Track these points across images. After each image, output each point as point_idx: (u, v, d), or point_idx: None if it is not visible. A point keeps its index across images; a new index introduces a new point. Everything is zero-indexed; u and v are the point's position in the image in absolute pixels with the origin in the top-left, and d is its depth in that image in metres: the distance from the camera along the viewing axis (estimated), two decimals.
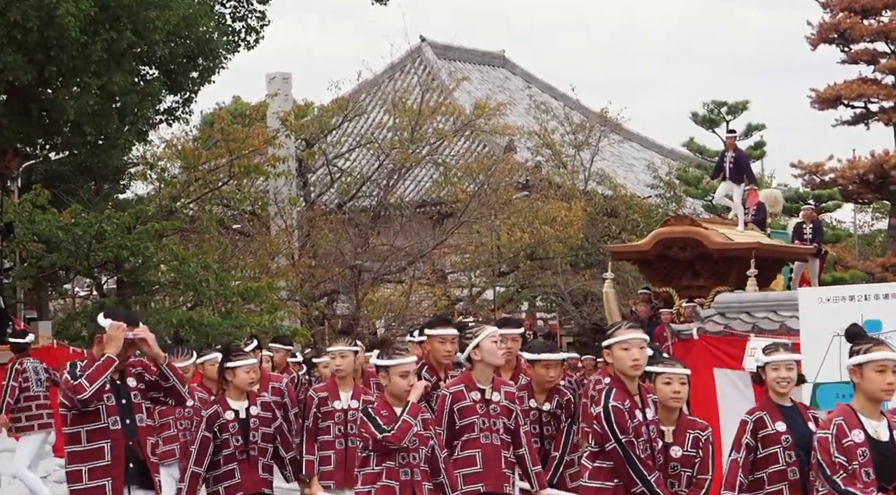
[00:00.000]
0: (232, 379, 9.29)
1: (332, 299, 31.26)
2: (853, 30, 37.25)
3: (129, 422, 8.01)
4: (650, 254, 21.56)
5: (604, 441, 7.33)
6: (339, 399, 10.24)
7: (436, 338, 9.69)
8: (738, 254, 20.90)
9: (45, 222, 23.07)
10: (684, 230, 21.42)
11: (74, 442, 8.00)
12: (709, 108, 37.00)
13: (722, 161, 22.96)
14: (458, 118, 34.87)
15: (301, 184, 32.56)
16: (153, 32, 20.14)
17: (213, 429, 9.12)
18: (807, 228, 23.95)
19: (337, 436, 10.18)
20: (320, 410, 10.24)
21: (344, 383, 10.29)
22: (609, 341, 7.49)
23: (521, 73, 47.73)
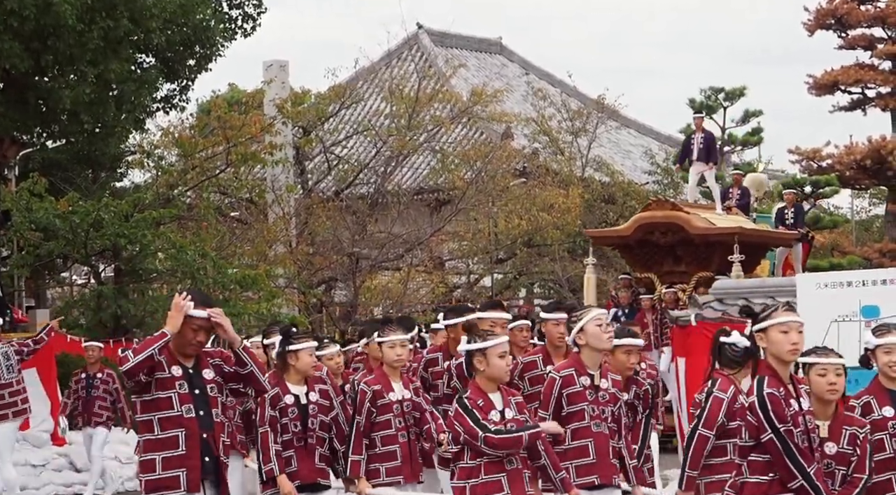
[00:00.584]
0: (294, 362, 9.16)
1: (329, 287, 31.28)
2: (850, 15, 37.19)
3: (204, 414, 7.51)
4: (631, 239, 21.36)
5: (758, 432, 6.82)
6: (392, 390, 9.56)
7: (486, 322, 9.42)
8: (720, 240, 20.64)
9: (43, 210, 23.06)
10: (665, 215, 21.14)
11: (147, 430, 7.54)
12: (706, 94, 36.94)
13: (689, 144, 22.70)
14: (455, 105, 34.85)
15: (298, 171, 32.55)
16: (150, 20, 20.11)
17: (275, 411, 9.06)
18: (788, 213, 23.72)
19: (399, 429, 9.51)
20: (375, 404, 9.49)
21: (395, 374, 9.64)
22: (765, 323, 6.95)
23: (519, 60, 47.68)
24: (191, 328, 7.51)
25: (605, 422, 8.30)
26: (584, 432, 8.26)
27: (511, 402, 7.81)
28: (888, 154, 35.86)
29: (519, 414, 7.76)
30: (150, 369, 7.42)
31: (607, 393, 8.37)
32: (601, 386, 8.34)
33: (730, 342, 8.24)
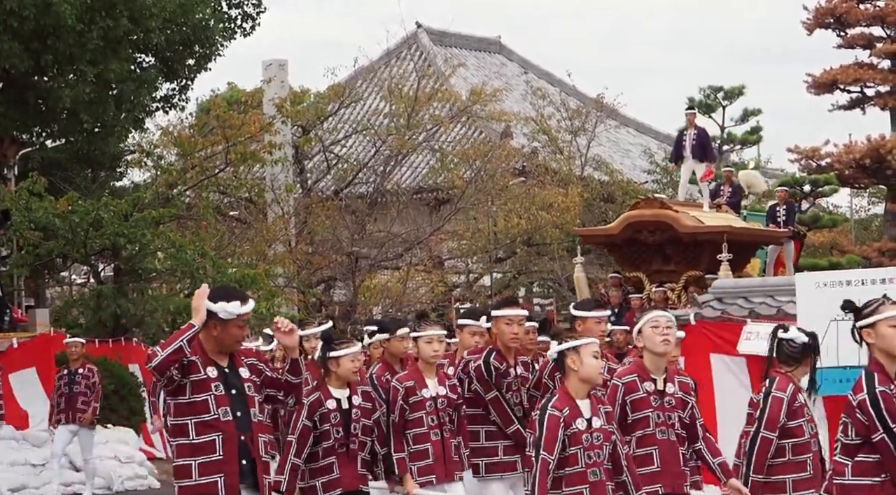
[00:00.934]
0: (335, 368, 8.88)
1: (329, 286, 31.29)
2: (849, 14, 37.19)
3: (241, 415, 7.18)
4: (619, 237, 21.21)
5: (868, 432, 6.53)
6: (426, 387, 9.29)
7: (502, 320, 9.29)
8: (710, 238, 20.47)
9: (42, 210, 23.09)
10: (654, 213, 20.95)
11: (182, 435, 7.17)
12: (705, 93, 37.00)
13: (682, 141, 22.33)
14: (454, 104, 34.86)
15: (297, 170, 32.57)
16: (149, 20, 20.11)
17: (314, 419, 8.73)
18: (780, 210, 23.43)
19: (431, 427, 9.23)
20: (407, 401, 9.22)
21: (430, 370, 9.39)
22: (873, 318, 6.73)
23: (518, 60, 47.70)
24: (237, 325, 7.25)
25: (671, 429, 8.04)
26: (650, 439, 8.00)
27: (600, 411, 7.47)
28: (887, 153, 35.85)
29: (607, 424, 7.47)
30: (185, 370, 7.13)
31: (674, 398, 8.10)
32: (667, 391, 8.10)
33: (788, 337, 7.93)
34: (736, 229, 21.13)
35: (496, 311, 9.40)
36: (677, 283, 20.74)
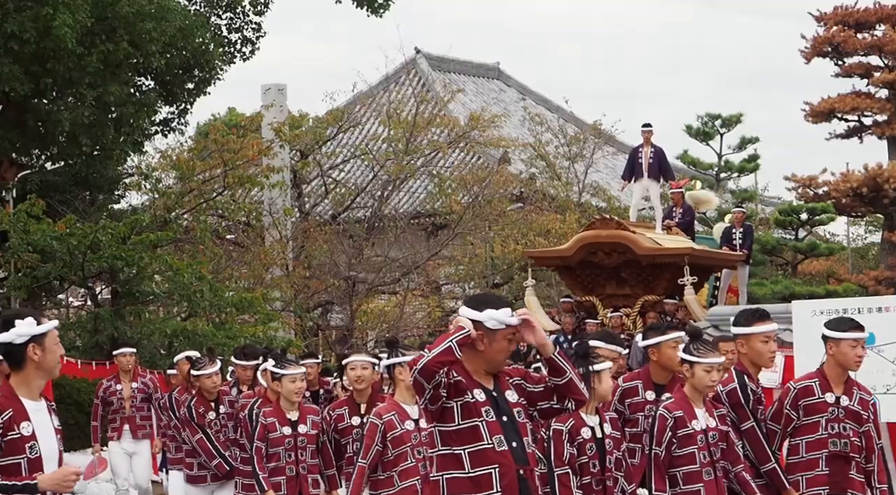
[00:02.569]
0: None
1: (326, 310, 31.29)
2: (847, 43, 37.32)
3: (517, 446, 6.23)
4: (573, 259, 20.19)
5: None
6: None
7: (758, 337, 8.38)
8: (668, 261, 19.53)
9: (40, 232, 23.09)
10: (610, 234, 19.89)
11: (455, 467, 6.22)
12: (703, 120, 37.07)
13: (636, 158, 21.20)
14: (452, 130, 34.93)
15: (295, 194, 32.61)
16: (149, 44, 20.19)
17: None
18: (736, 233, 22.19)
19: None
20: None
21: None
22: None
23: (516, 85, 47.82)
24: (506, 338, 6.29)
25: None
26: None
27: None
28: (884, 182, 35.91)
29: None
30: (454, 391, 6.20)
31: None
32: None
33: None
34: (696, 252, 20.23)
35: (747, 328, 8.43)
36: (633, 308, 19.85)
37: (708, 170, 37.44)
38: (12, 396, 6.24)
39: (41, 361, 6.31)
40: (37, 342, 6.31)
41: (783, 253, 34.89)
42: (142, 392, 15.17)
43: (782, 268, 36.25)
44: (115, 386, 15.44)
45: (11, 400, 6.21)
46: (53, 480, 6.15)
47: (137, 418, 15.28)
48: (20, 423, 6.18)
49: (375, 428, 8.74)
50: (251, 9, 23.39)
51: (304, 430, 9.91)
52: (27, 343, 6.28)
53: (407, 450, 8.64)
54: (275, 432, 9.87)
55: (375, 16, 23.79)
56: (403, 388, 8.74)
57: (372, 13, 23.74)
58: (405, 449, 8.67)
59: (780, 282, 31.93)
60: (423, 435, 8.54)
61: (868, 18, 37.44)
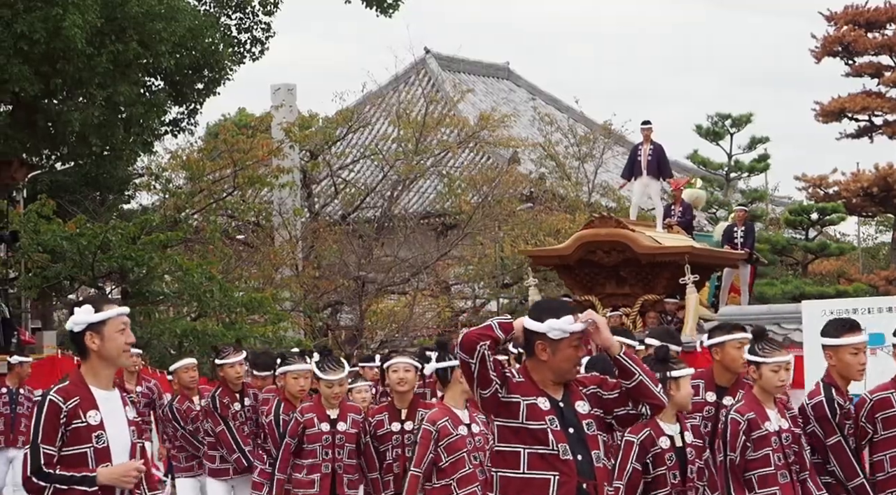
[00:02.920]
0: None
1: (335, 310, 31.31)
2: (857, 43, 37.26)
3: (583, 459, 5.85)
4: (572, 258, 19.75)
5: None
6: None
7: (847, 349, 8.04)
8: (668, 260, 19.09)
9: (50, 232, 23.15)
10: (609, 233, 19.47)
11: (509, 466, 5.89)
12: (713, 120, 37.00)
13: (636, 156, 20.85)
14: (462, 130, 34.93)
15: (305, 195, 32.63)
16: (159, 44, 20.20)
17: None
18: (738, 231, 21.78)
19: None
20: None
21: None
22: None
23: (526, 85, 47.79)
24: (571, 346, 5.94)
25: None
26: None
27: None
28: (895, 182, 35.89)
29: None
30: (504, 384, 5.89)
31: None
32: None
33: None
34: (697, 250, 19.82)
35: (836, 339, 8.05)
36: (633, 308, 19.44)
37: (718, 169, 37.38)
38: (81, 384, 6.03)
39: (100, 350, 6.04)
40: (94, 330, 6.05)
41: (793, 253, 34.84)
42: (145, 397, 14.43)
43: (792, 268, 36.20)
44: None
45: (80, 388, 6.01)
46: (113, 474, 5.94)
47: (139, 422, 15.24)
48: (87, 412, 5.96)
49: (429, 435, 8.36)
50: (261, 9, 23.39)
51: (343, 428, 9.57)
52: (84, 331, 6.07)
53: (463, 457, 8.27)
54: (312, 428, 9.54)
55: (385, 16, 23.78)
56: (457, 392, 8.39)
57: (381, 13, 23.73)
58: (461, 455, 8.28)
59: (790, 282, 31.89)
60: (476, 440, 8.31)
61: (879, 18, 37.37)
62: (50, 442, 5.90)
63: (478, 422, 8.29)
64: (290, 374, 10.45)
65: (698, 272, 19.39)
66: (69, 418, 5.95)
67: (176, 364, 12.42)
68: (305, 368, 10.34)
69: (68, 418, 5.95)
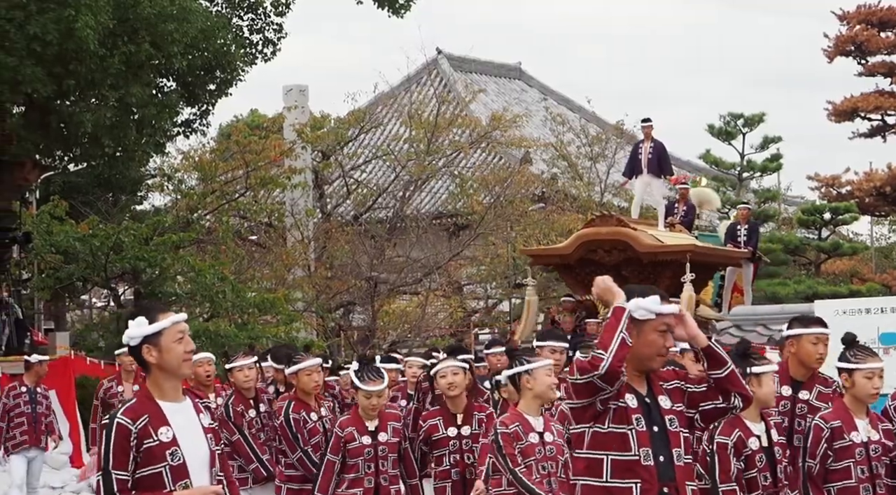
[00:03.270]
0: None
1: (348, 311, 31.32)
2: (870, 42, 37.22)
3: (664, 459, 5.65)
4: (572, 258, 19.37)
5: None
6: None
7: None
8: (671, 258, 18.76)
9: (63, 233, 23.20)
10: (610, 231, 19.14)
11: (592, 474, 5.71)
12: (725, 120, 36.95)
13: (637, 154, 20.52)
14: (474, 130, 34.92)
15: (317, 195, 32.65)
16: (171, 45, 20.22)
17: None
18: (741, 230, 21.52)
19: None
20: None
21: None
22: None
23: (538, 86, 47.78)
24: (657, 330, 5.69)
25: None
26: None
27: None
28: None
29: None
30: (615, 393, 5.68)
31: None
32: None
33: None
34: (699, 249, 19.46)
35: None
36: None
37: (730, 169, 37.32)
38: (148, 400, 5.61)
39: (160, 362, 5.64)
40: (150, 343, 5.67)
41: (806, 252, 34.79)
42: None
43: (805, 268, 36.15)
44: (116, 387, 14.55)
45: (147, 405, 5.59)
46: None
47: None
48: (158, 429, 5.53)
49: None
50: (273, 10, 23.41)
51: (384, 439, 9.23)
52: (140, 344, 5.69)
53: (532, 464, 7.74)
54: (353, 442, 9.18)
55: (396, 16, 23.79)
56: (530, 398, 7.89)
57: (393, 14, 23.74)
58: (529, 462, 7.77)
59: (803, 282, 31.84)
60: (548, 450, 7.81)
61: (891, 17, 37.33)
62: (122, 467, 5.47)
63: (552, 432, 7.88)
64: (304, 371, 10.21)
65: (701, 271, 19.09)
66: (140, 439, 5.52)
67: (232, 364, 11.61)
68: (317, 363, 10.23)
69: (139, 439, 5.52)
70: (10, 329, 20.09)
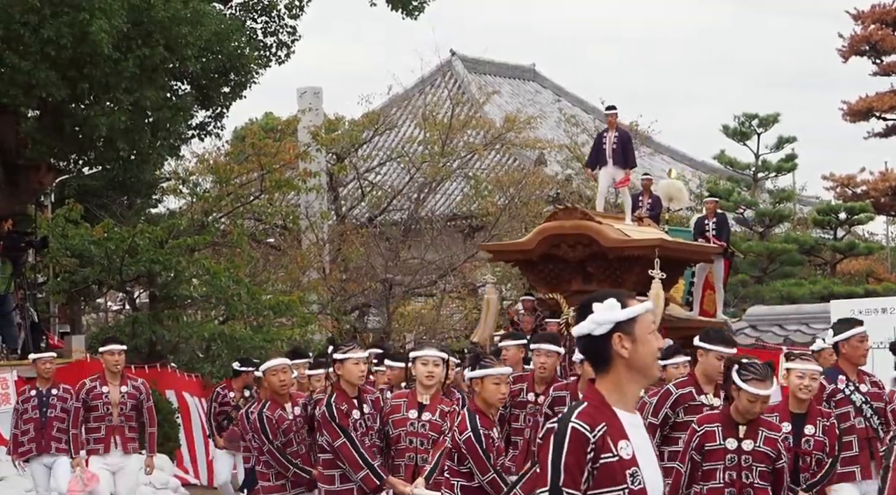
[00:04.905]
0: None
1: (363, 313, 31.32)
2: (884, 42, 37.15)
3: None
4: (534, 253, 18.27)
5: None
6: None
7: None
8: (638, 254, 17.65)
9: (78, 237, 23.22)
10: (575, 225, 18.04)
11: None
12: (739, 120, 36.91)
13: (601, 144, 19.12)
14: (488, 132, 34.92)
15: (332, 198, 32.67)
16: (185, 48, 20.23)
17: None
18: (709, 224, 20.30)
19: None
20: None
21: None
22: None
23: (552, 87, 47.76)
24: None
25: None
26: None
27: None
28: None
29: None
30: None
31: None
32: None
33: None
34: (668, 244, 18.34)
35: None
36: None
37: (745, 170, 37.28)
38: (603, 405, 4.55)
39: (632, 358, 4.56)
40: (623, 331, 4.56)
41: (822, 252, 34.73)
42: (131, 398, 12.96)
43: (821, 268, 36.09)
44: (99, 387, 13.02)
45: (603, 411, 4.54)
46: None
47: (126, 429, 12.98)
48: (617, 443, 4.47)
49: None
50: (286, 12, 23.41)
51: None
52: (610, 333, 4.58)
53: None
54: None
55: (410, 18, 23.78)
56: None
57: (407, 15, 23.73)
58: None
59: (818, 282, 31.79)
60: None
61: None
62: (575, 486, 4.43)
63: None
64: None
65: (671, 267, 17.96)
66: (597, 451, 4.47)
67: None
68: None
69: (596, 451, 4.46)
70: (26, 333, 20.09)
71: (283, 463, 10.22)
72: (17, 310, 20.11)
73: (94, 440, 12.96)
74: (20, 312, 20.17)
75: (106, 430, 12.91)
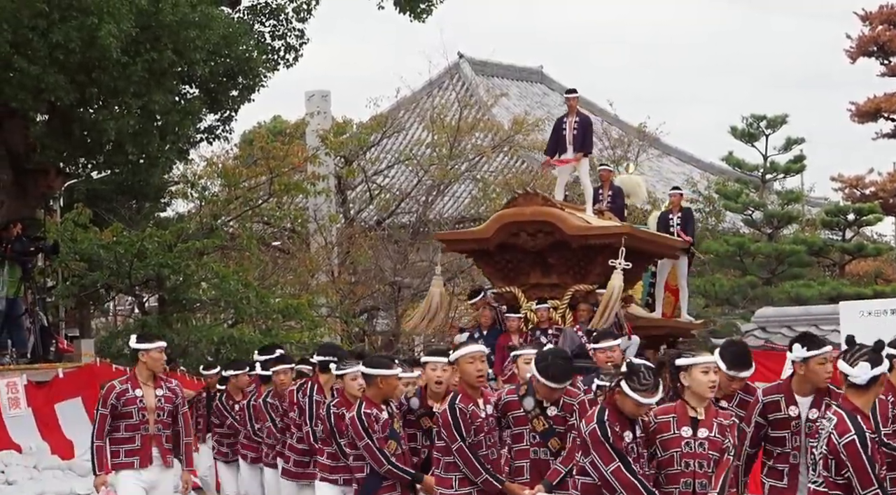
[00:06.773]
0: None
1: (371, 316, 31.34)
2: (892, 42, 37.13)
3: None
4: (491, 242, 16.81)
5: None
6: None
7: None
8: (604, 243, 16.32)
9: (87, 241, 23.28)
10: (535, 211, 16.57)
11: None
12: (748, 121, 36.85)
13: (561, 130, 17.72)
14: (496, 134, 34.93)
15: (340, 201, 32.69)
16: (193, 52, 20.27)
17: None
18: (674, 219, 19.04)
19: None
20: None
21: None
22: None
23: (559, 89, 47.63)
24: None
25: None
26: None
27: None
28: None
29: None
30: None
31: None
32: None
33: None
34: (637, 233, 17.09)
35: None
36: (562, 300, 16.55)
37: (753, 171, 37.23)
38: None
39: None
40: None
41: (830, 254, 34.66)
42: (168, 401, 10.99)
43: (829, 269, 36.03)
44: (132, 391, 10.89)
45: None
46: None
47: (164, 438, 10.95)
48: None
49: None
50: (294, 16, 23.44)
51: None
52: None
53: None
54: None
55: (418, 21, 23.81)
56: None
57: (415, 18, 23.76)
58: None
59: (827, 284, 31.73)
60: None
61: None
62: None
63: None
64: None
65: (636, 260, 16.79)
66: None
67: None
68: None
69: None
70: (36, 337, 20.13)
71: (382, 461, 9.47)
72: (26, 314, 20.15)
73: (127, 452, 10.77)
74: (30, 316, 20.22)
75: (141, 441, 10.77)
